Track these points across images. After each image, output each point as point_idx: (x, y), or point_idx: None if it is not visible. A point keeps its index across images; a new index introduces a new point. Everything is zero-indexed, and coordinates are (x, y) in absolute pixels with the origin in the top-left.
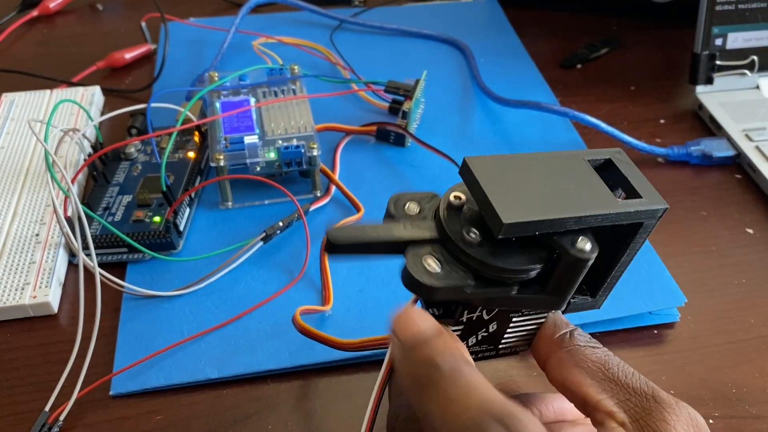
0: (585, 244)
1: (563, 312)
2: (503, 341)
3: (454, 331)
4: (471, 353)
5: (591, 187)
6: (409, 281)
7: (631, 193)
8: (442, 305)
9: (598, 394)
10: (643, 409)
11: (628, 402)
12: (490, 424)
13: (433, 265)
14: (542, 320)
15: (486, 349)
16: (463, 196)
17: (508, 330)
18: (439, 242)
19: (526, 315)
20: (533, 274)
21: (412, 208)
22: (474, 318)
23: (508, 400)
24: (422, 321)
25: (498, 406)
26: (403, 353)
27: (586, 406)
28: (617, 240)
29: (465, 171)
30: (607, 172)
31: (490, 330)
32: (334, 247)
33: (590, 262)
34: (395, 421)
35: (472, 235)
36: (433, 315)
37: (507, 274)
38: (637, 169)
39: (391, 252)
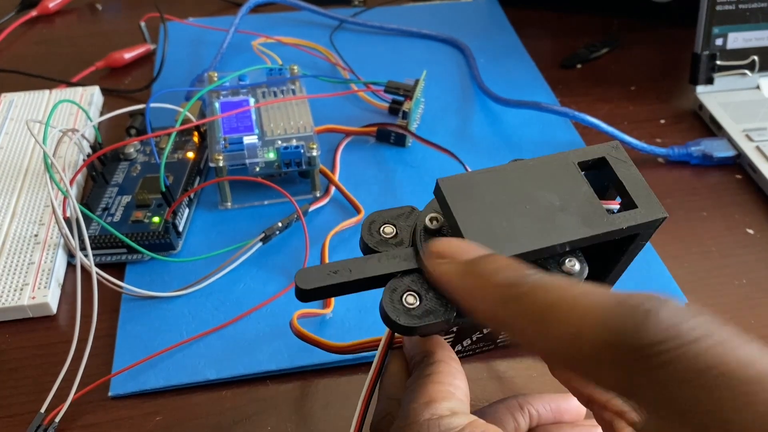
0: (573, 266)
1: None
2: (500, 337)
3: (446, 337)
4: (468, 351)
5: (578, 201)
6: (387, 321)
7: (625, 197)
8: None
9: (605, 393)
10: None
11: None
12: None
13: (411, 300)
14: None
15: (483, 346)
16: (440, 218)
17: None
18: (417, 271)
19: None
20: None
21: (388, 231)
22: (465, 325)
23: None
24: (473, 247)
25: (619, 296)
26: (471, 278)
27: (591, 404)
28: (614, 247)
29: (438, 194)
30: (601, 171)
31: (485, 331)
32: (305, 293)
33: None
34: (381, 422)
35: (434, 223)
36: None
37: None
38: (634, 167)
39: (370, 287)
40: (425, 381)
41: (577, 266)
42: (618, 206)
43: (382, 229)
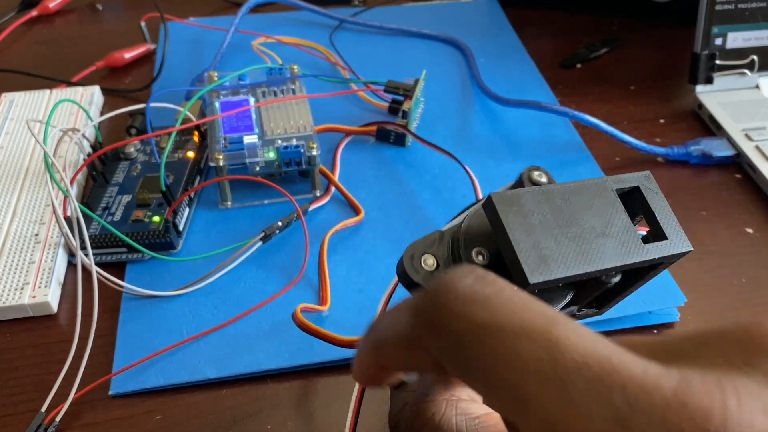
0: (613, 277)
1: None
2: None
3: None
4: None
5: (617, 229)
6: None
7: (654, 226)
8: None
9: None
10: None
11: None
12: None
13: (430, 263)
14: None
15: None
16: (485, 254)
17: None
18: None
19: None
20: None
21: (430, 263)
22: None
23: None
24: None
25: None
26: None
27: None
28: (637, 273)
29: (489, 209)
30: (633, 197)
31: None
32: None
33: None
34: (400, 412)
35: (480, 258)
36: None
37: None
38: (663, 198)
39: None
40: None
41: (617, 279)
42: (645, 232)
43: (423, 261)
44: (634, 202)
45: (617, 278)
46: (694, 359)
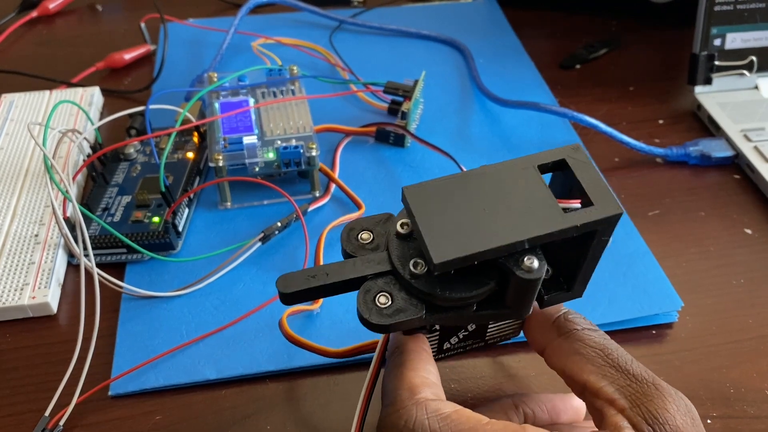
0: (532, 263)
1: (540, 307)
2: (488, 334)
3: (430, 337)
4: (458, 348)
5: (536, 202)
6: (361, 319)
7: (584, 196)
8: None
9: (599, 381)
10: (644, 395)
11: (629, 388)
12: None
13: (383, 301)
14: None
15: (474, 343)
16: (409, 223)
17: (490, 326)
18: (391, 273)
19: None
20: (484, 296)
21: (365, 237)
22: (442, 323)
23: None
24: None
25: None
26: None
27: (585, 392)
28: (576, 246)
29: (405, 205)
30: (563, 173)
31: (470, 329)
32: (286, 297)
33: (540, 280)
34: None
35: (419, 268)
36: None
37: (456, 302)
38: (593, 168)
39: (347, 290)
40: (401, 369)
41: (536, 263)
42: (579, 205)
43: (359, 236)
44: (564, 178)
45: (536, 263)
46: None
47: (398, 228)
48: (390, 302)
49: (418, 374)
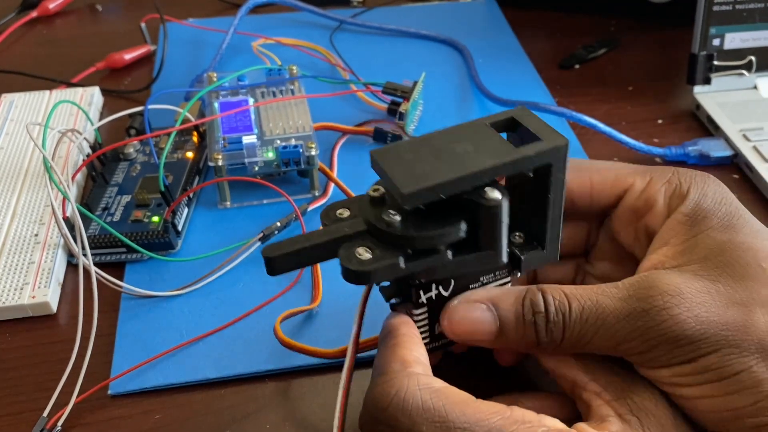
0: (493, 193)
1: (520, 272)
2: None
3: (419, 315)
4: (445, 343)
5: (490, 144)
6: (345, 273)
7: (533, 138)
8: (400, 292)
9: (586, 378)
10: (629, 389)
11: (614, 383)
12: None
13: (363, 253)
14: (507, 284)
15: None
16: (381, 188)
17: None
18: (368, 232)
19: (486, 283)
20: (459, 233)
21: (344, 213)
22: (433, 297)
23: None
24: None
25: None
26: None
27: (574, 389)
28: (537, 186)
29: (373, 163)
30: (515, 131)
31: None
32: (272, 261)
33: (505, 208)
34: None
35: (392, 216)
36: (394, 304)
37: (433, 241)
38: (541, 119)
39: (330, 256)
40: (394, 348)
41: (498, 194)
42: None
43: (338, 212)
44: (516, 135)
45: (498, 193)
46: None
47: (371, 192)
48: (369, 255)
49: (411, 353)
